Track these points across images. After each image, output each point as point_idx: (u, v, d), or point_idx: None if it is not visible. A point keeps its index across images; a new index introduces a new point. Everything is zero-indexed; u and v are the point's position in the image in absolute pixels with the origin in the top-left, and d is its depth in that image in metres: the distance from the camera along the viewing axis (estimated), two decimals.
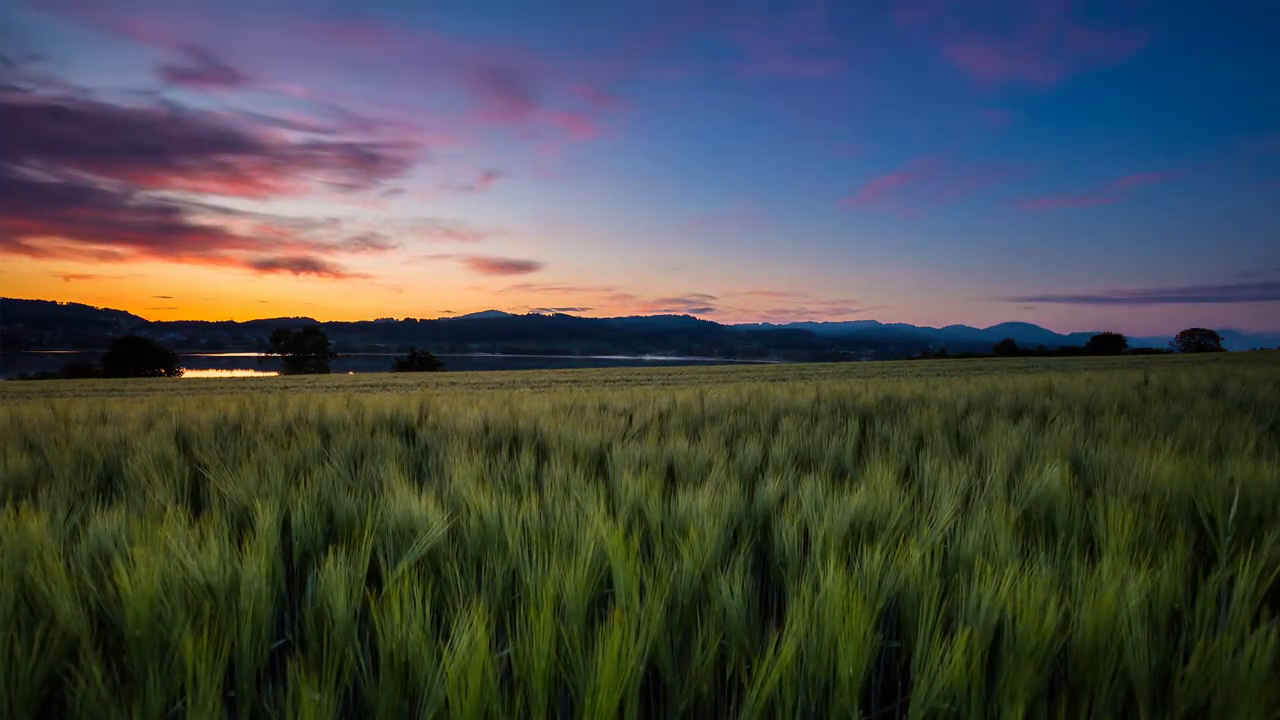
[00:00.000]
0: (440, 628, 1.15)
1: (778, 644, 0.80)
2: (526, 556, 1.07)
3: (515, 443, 2.33)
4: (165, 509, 1.34)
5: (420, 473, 1.97)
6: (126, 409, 3.32)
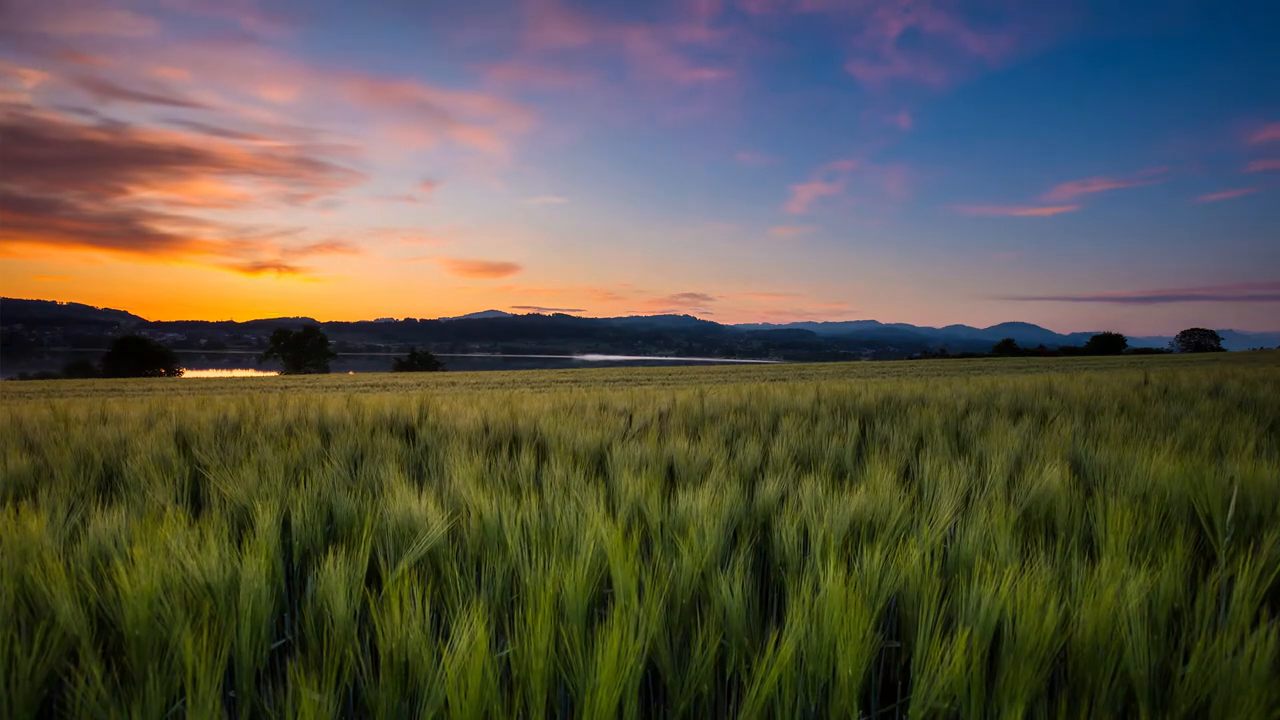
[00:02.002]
0: (440, 628, 1.15)
1: (777, 643, 0.80)
2: (526, 556, 1.07)
3: (515, 443, 2.33)
4: (165, 509, 1.34)
5: (420, 473, 1.97)
6: (126, 409, 3.32)
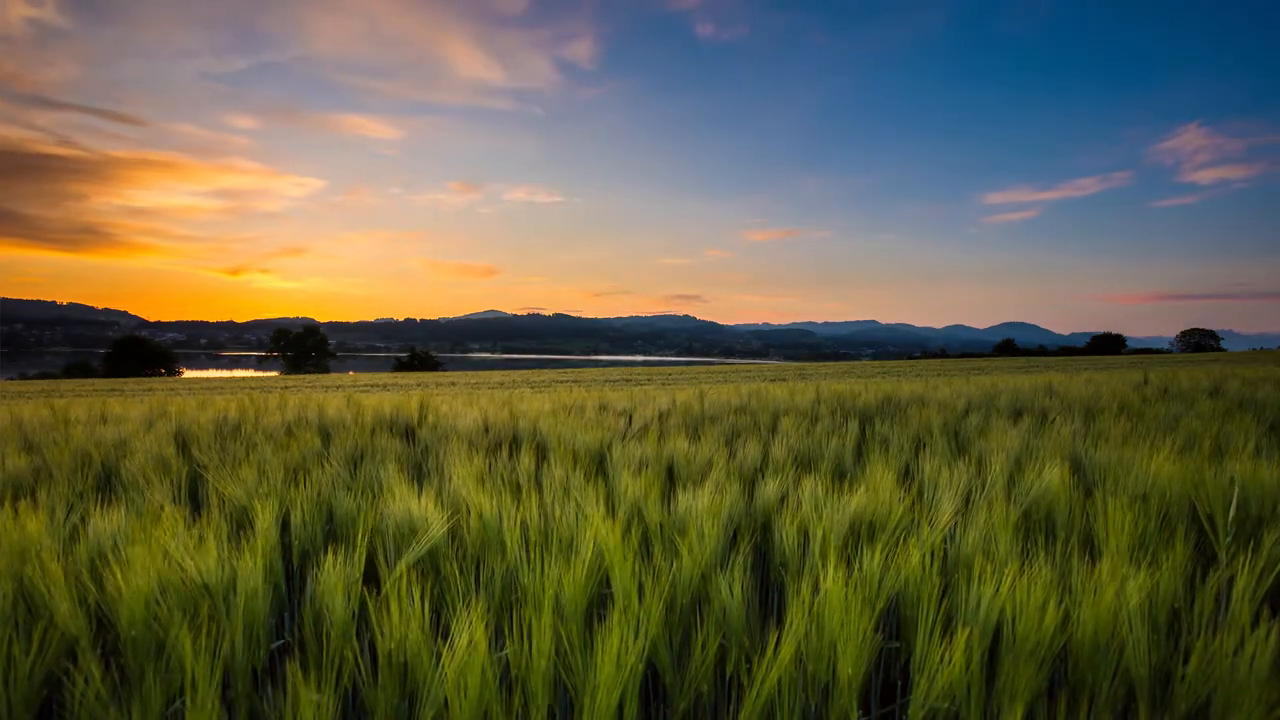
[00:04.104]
0: (440, 628, 1.15)
1: (777, 644, 0.80)
2: (526, 556, 1.07)
3: (515, 443, 2.33)
4: (164, 509, 1.33)
5: (420, 473, 1.97)
6: (126, 409, 3.32)
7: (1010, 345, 69.68)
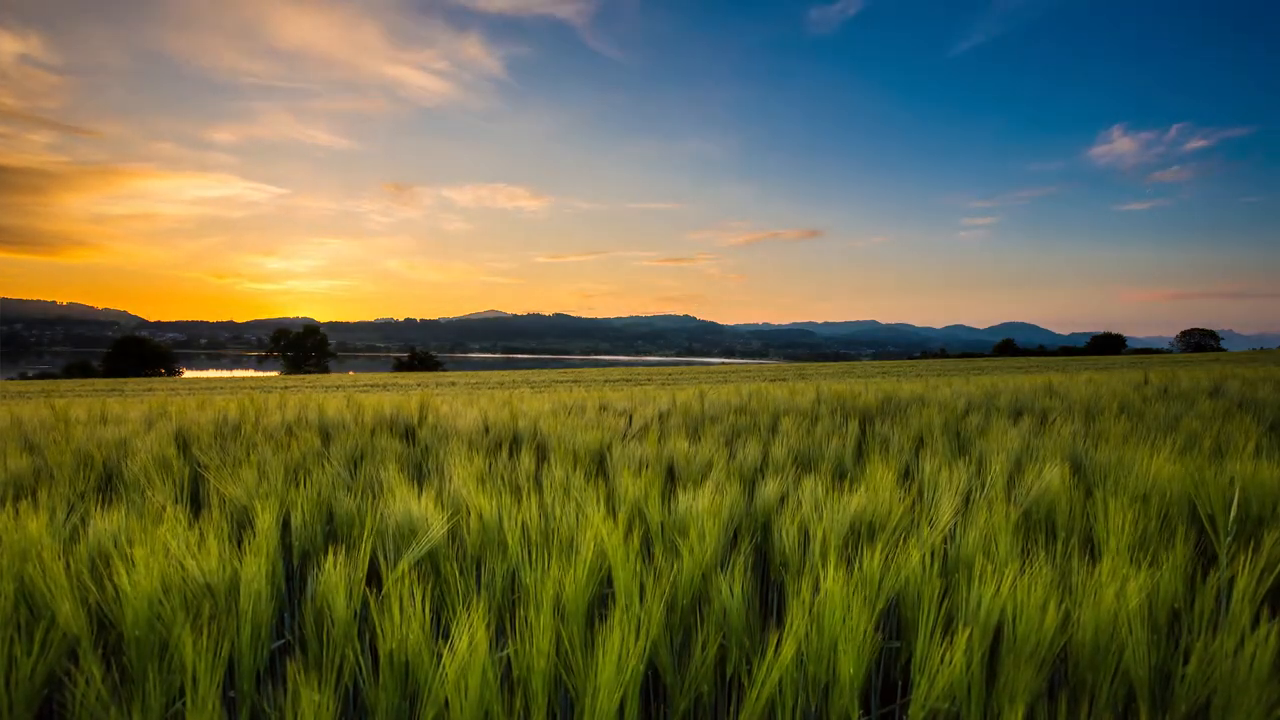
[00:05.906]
0: (440, 628, 1.15)
1: (778, 644, 0.80)
2: (526, 557, 1.07)
3: (515, 443, 2.33)
4: (165, 509, 1.34)
5: (420, 473, 1.97)
6: (126, 409, 3.32)
7: (1010, 345, 69.69)
